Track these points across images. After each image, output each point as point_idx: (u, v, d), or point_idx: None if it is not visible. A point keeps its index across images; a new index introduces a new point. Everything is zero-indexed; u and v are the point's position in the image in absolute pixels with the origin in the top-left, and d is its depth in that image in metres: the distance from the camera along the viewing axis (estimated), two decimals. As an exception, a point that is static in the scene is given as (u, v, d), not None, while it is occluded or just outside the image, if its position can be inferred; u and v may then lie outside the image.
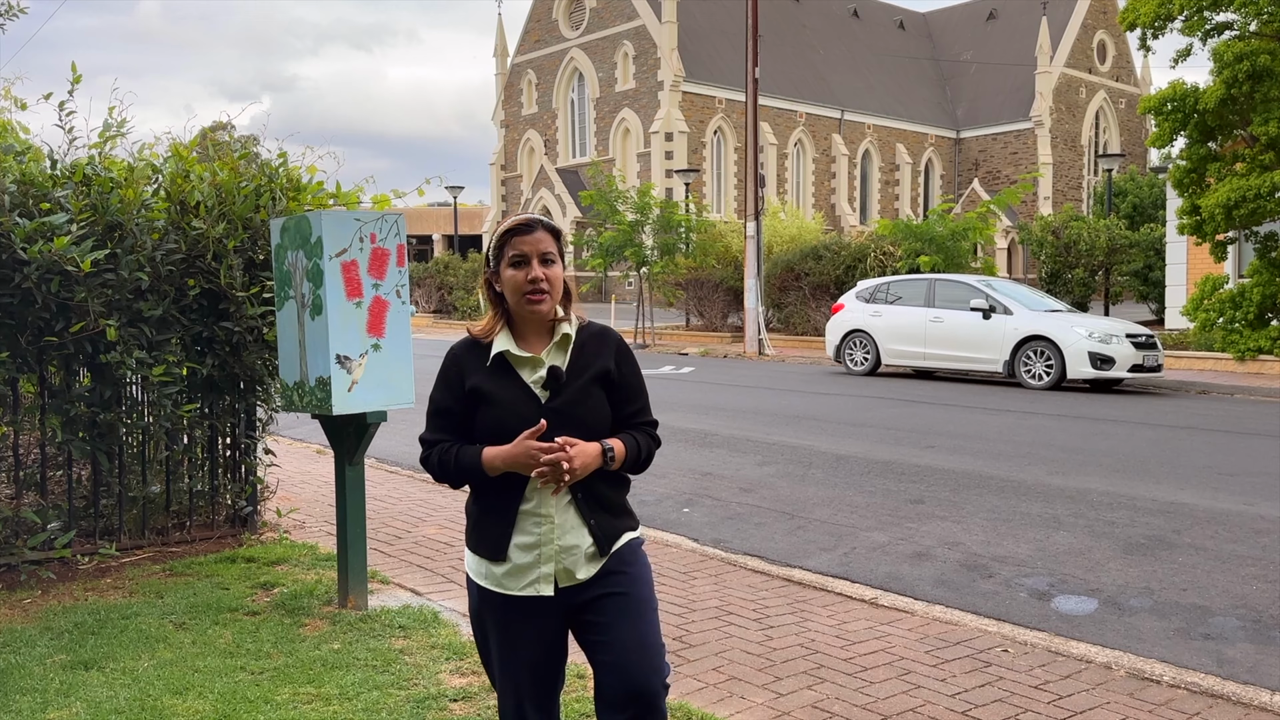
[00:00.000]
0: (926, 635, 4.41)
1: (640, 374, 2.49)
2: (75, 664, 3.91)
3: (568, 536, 2.34)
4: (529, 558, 2.33)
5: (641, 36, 47.42)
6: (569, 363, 2.36)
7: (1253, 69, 15.39)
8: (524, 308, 2.32)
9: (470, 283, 35.37)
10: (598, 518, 2.36)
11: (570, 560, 2.35)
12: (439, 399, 2.41)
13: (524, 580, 2.34)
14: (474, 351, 2.38)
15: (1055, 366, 14.17)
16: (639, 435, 2.42)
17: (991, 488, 7.52)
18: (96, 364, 5.20)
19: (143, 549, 5.54)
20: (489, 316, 2.40)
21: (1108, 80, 59.40)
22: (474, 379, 2.35)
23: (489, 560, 2.36)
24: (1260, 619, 4.67)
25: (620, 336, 2.50)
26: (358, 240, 4.28)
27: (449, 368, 2.40)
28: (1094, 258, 22.42)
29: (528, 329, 2.37)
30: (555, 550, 2.33)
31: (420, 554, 5.71)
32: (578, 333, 2.39)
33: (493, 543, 2.35)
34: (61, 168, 5.17)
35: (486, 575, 2.38)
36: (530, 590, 2.33)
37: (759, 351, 21.05)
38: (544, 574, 2.33)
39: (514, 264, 2.31)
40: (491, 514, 2.37)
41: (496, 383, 2.34)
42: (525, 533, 2.33)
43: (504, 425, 2.29)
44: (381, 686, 3.71)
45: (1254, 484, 7.59)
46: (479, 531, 2.40)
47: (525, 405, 2.31)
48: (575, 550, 2.35)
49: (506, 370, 2.34)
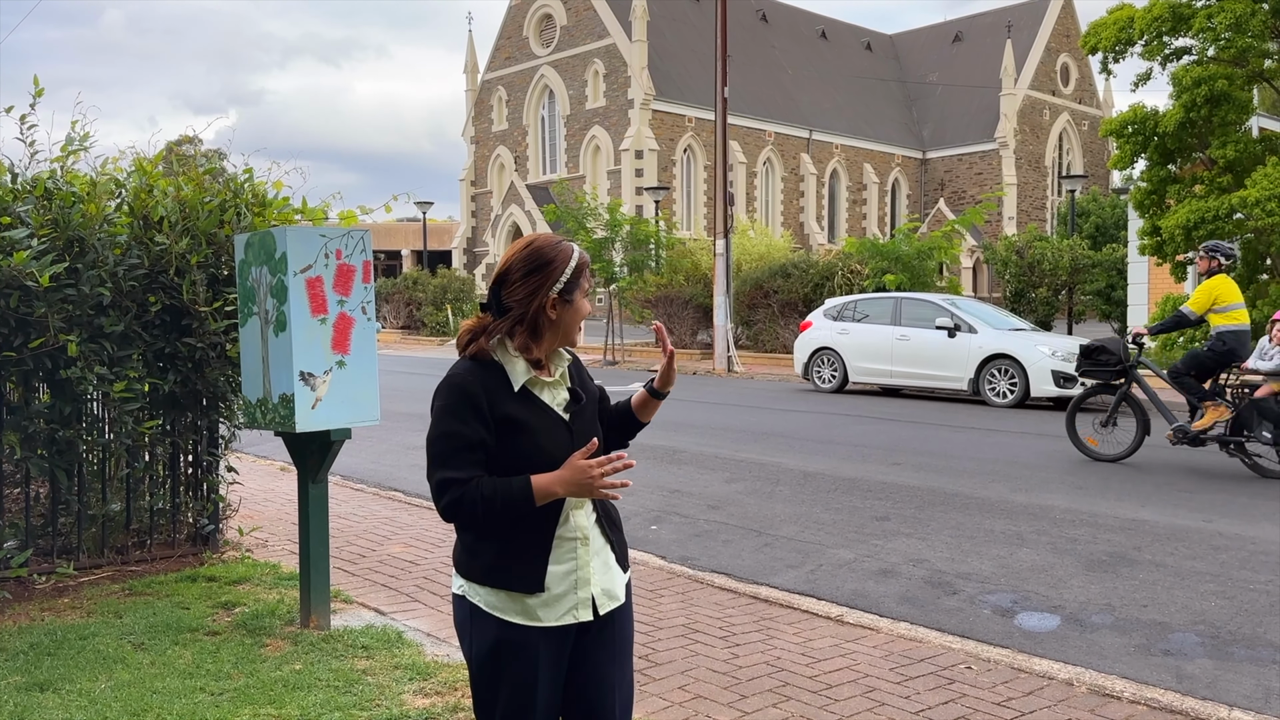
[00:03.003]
0: (891, 652, 4.43)
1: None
2: (30, 685, 3.84)
3: (598, 556, 2.27)
4: (565, 585, 2.22)
5: (612, 55, 47.64)
6: (573, 385, 2.34)
7: (1211, 93, 15.72)
8: (573, 337, 2.32)
9: (439, 299, 35.23)
10: (615, 534, 2.35)
11: (608, 579, 2.29)
12: (468, 433, 2.16)
13: (560, 609, 2.21)
14: (491, 377, 2.21)
15: (1019, 385, 14.32)
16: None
17: (956, 505, 7.58)
18: (56, 380, 5.12)
19: (102, 568, 5.46)
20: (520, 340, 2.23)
21: (1071, 102, 60.38)
22: (506, 408, 2.19)
23: (523, 594, 2.19)
24: (1218, 635, 4.74)
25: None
26: (323, 256, 4.26)
27: (470, 397, 2.17)
28: (1057, 277, 22.72)
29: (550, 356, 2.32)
30: (591, 572, 2.25)
31: (385, 573, 5.66)
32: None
33: (528, 575, 2.19)
34: (22, 181, 5.11)
35: (512, 609, 2.20)
36: (569, 618, 2.21)
37: (728, 369, 21.11)
38: (582, 599, 2.23)
39: (588, 295, 2.31)
40: (523, 544, 2.20)
41: (530, 411, 2.22)
42: (561, 560, 2.22)
43: (545, 450, 2.19)
44: (344, 708, 3.67)
45: (1212, 501, 7.70)
46: (506, 564, 2.20)
47: (559, 430, 2.24)
48: (607, 568, 2.29)
49: (528, 397, 2.24)
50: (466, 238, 54.51)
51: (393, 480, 8.70)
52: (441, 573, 5.65)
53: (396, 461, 9.69)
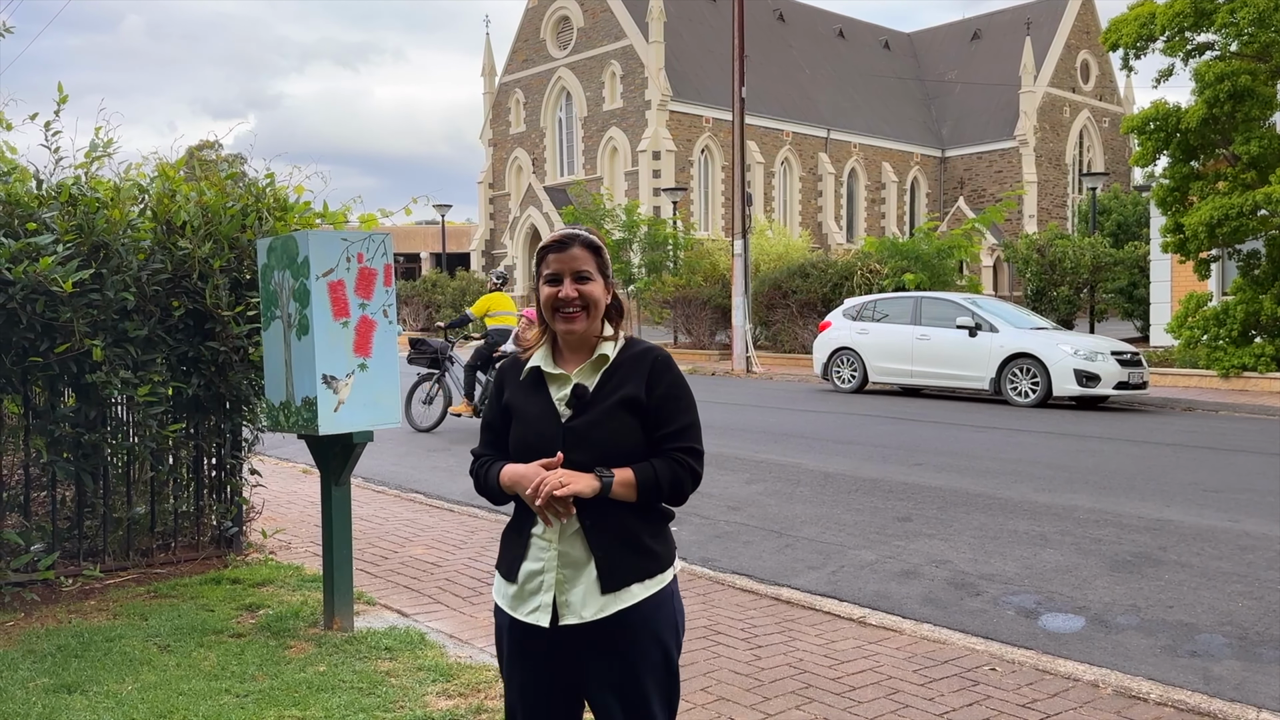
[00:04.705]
0: (914, 654, 4.41)
1: (680, 397, 2.29)
2: (58, 687, 3.88)
3: (569, 568, 2.23)
4: (534, 583, 2.25)
5: (629, 56, 47.64)
6: (598, 383, 2.26)
7: (1234, 89, 15.57)
8: (556, 326, 2.27)
9: (458, 301, 35.36)
10: (606, 549, 2.21)
11: (571, 592, 2.22)
12: (487, 413, 2.43)
13: (527, 606, 2.26)
14: (517, 367, 2.36)
15: (1041, 384, 14.23)
16: (663, 462, 2.24)
17: (979, 505, 7.54)
18: (81, 384, 5.17)
19: (127, 570, 5.50)
20: (537, 332, 2.36)
21: (1091, 99, 59.93)
22: (509, 393, 2.35)
23: (505, 580, 2.32)
24: (1246, 636, 4.69)
25: (663, 357, 2.32)
26: (344, 260, 4.28)
27: (496, 382, 2.42)
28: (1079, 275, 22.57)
29: (568, 347, 2.31)
30: (555, 579, 2.23)
31: (407, 574, 5.68)
32: (620, 352, 2.30)
33: (508, 563, 2.32)
34: (47, 188, 5.16)
35: (502, 593, 2.34)
36: (531, 618, 2.24)
37: (747, 369, 21.08)
38: (543, 603, 2.23)
39: (548, 281, 2.26)
40: (513, 534, 2.33)
41: (526, 398, 2.30)
42: (534, 558, 2.26)
43: (525, 441, 2.26)
44: (367, 709, 3.69)
45: (1239, 500, 7.63)
46: (501, 550, 2.37)
47: (546, 422, 2.25)
48: (578, 582, 2.22)
49: (539, 386, 2.30)
50: (485, 240, 54.65)
51: (414, 482, 8.73)
52: (463, 574, 5.67)
53: (418, 464, 9.73)
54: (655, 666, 2.26)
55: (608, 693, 2.25)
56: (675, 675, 2.30)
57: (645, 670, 2.24)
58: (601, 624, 2.21)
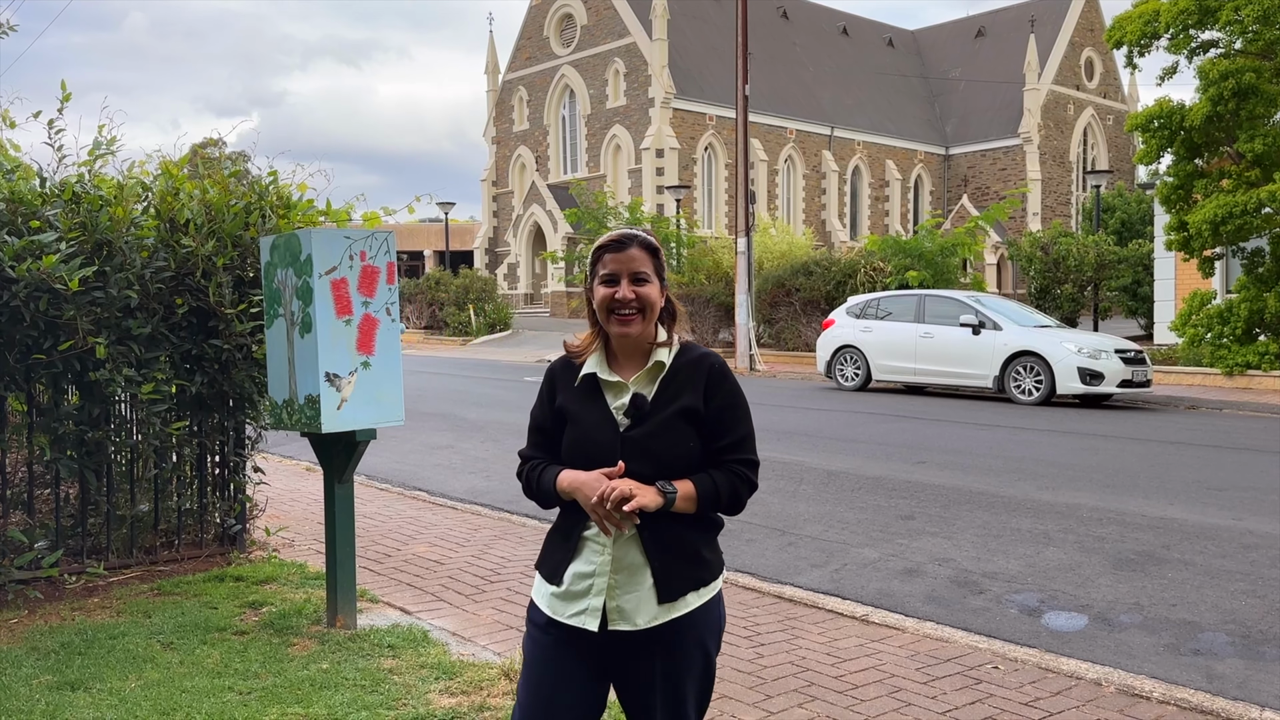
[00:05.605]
0: (917, 652, 4.41)
1: (738, 406, 2.25)
2: (62, 685, 3.88)
3: (624, 572, 2.19)
4: (582, 585, 2.20)
5: (632, 54, 47.62)
6: (657, 392, 2.21)
7: (1238, 86, 15.53)
8: (611, 328, 2.21)
9: (461, 299, 35.36)
10: (664, 559, 2.18)
11: (625, 599, 2.18)
12: (536, 415, 2.36)
13: (572, 608, 2.21)
14: (568, 370, 2.30)
15: (1045, 382, 14.21)
16: (722, 474, 2.21)
17: (982, 503, 7.53)
18: (85, 382, 5.18)
19: (130, 568, 5.51)
20: (588, 334, 2.30)
21: (1095, 97, 59.83)
22: (563, 397, 2.28)
23: (547, 581, 2.27)
24: (1249, 634, 4.68)
25: (719, 363, 2.28)
26: (347, 258, 4.28)
27: (545, 384, 2.36)
28: (1083, 273, 22.55)
29: (621, 350, 2.26)
30: (606, 584, 2.19)
31: (410, 572, 5.68)
32: (675, 357, 2.25)
33: (553, 564, 2.26)
34: (51, 185, 5.16)
35: (542, 594, 2.29)
36: (576, 620, 2.19)
37: (750, 367, 21.07)
38: (592, 606, 2.18)
39: (605, 282, 2.20)
40: (559, 535, 2.28)
41: (582, 404, 2.25)
42: (586, 560, 2.22)
43: (583, 449, 2.21)
44: (370, 707, 3.69)
45: (1242, 499, 7.62)
46: (544, 551, 2.32)
47: (604, 431, 2.20)
48: (632, 589, 2.18)
49: (595, 392, 2.25)
50: (488, 238, 54.67)
51: (417, 480, 8.74)
52: (466, 572, 5.67)
53: (420, 461, 9.73)
54: (696, 669, 2.25)
55: (646, 692, 2.23)
56: (712, 677, 2.32)
57: (687, 672, 2.24)
58: (652, 629, 2.19)
